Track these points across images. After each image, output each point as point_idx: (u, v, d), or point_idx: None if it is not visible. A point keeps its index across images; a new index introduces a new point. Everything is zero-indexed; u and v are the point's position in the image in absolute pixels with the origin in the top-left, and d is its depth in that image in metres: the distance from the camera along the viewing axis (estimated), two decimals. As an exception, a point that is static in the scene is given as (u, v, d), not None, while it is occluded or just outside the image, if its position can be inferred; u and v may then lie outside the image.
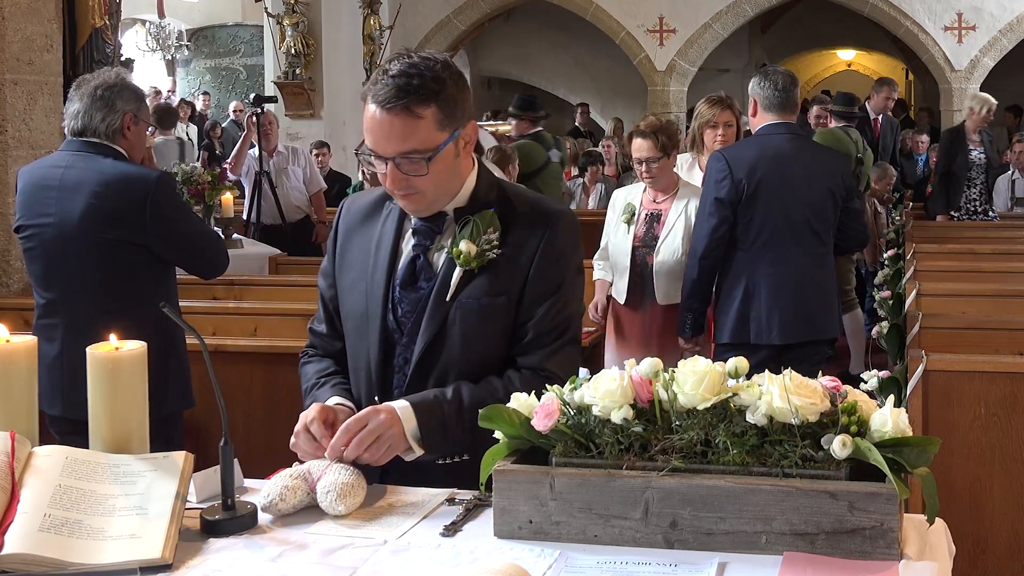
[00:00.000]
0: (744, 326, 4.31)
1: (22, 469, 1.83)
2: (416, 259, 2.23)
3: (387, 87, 2.07)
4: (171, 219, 3.44)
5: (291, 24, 11.89)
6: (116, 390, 1.94)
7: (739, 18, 14.10)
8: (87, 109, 3.42)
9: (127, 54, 12.18)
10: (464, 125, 2.16)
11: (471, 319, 2.17)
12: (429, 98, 2.08)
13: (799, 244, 4.37)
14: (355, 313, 2.29)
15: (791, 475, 1.70)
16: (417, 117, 2.07)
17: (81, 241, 3.38)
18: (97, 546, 1.74)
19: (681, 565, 1.67)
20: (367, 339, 2.25)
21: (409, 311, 2.22)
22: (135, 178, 3.42)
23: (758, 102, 4.44)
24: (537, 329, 2.19)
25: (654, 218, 4.78)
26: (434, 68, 2.10)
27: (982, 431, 3.52)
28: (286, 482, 1.97)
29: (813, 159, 4.52)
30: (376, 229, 2.30)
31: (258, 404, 4.12)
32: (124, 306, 3.33)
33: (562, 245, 2.20)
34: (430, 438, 2.11)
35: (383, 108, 2.07)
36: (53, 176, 3.43)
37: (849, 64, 22.16)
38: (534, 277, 2.18)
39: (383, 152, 2.10)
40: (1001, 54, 13.42)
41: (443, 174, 2.14)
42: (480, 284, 2.18)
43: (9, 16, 5.00)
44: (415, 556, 1.77)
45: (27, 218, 3.47)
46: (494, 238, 2.17)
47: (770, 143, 4.40)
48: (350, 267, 2.31)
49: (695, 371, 1.75)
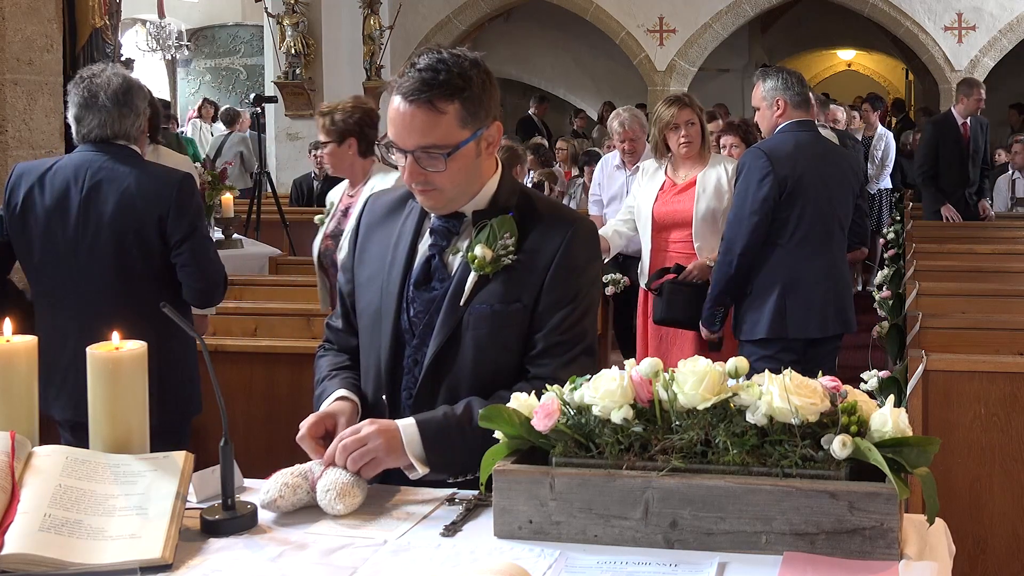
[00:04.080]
0: (781, 321, 4.34)
1: (22, 469, 1.83)
2: (431, 259, 2.21)
3: (412, 80, 2.06)
4: (192, 217, 3.44)
5: (291, 24, 11.89)
6: (116, 390, 1.94)
7: (739, 18, 14.11)
8: (117, 117, 3.40)
9: (127, 54, 12.16)
10: (488, 126, 2.14)
11: (484, 325, 2.15)
12: (453, 94, 2.06)
13: (831, 239, 4.46)
14: (370, 309, 2.27)
15: (791, 475, 1.70)
16: (439, 112, 2.06)
17: (109, 244, 3.36)
18: (97, 546, 1.74)
19: (681, 565, 1.67)
20: (379, 336, 2.24)
21: (421, 311, 2.20)
22: (161, 177, 3.46)
23: (787, 101, 4.46)
24: (550, 339, 2.15)
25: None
26: (462, 65, 2.09)
27: (982, 431, 3.52)
28: (286, 480, 1.97)
29: (839, 157, 4.66)
30: (397, 226, 2.28)
31: (258, 404, 4.11)
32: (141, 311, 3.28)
33: (579, 253, 2.17)
34: (435, 458, 2.07)
35: (406, 100, 2.07)
36: (76, 178, 3.39)
37: (849, 64, 22.17)
38: (549, 285, 2.15)
39: (403, 144, 2.09)
40: (1001, 54, 13.42)
41: (462, 173, 2.13)
42: (494, 290, 2.15)
43: (9, 16, 4.99)
44: (415, 556, 1.76)
45: (46, 223, 3.42)
46: (510, 243, 2.14)
47: (804, 140, 4.47)
48: (369, 263, 2.30)
49: (695, 371, 1.75)
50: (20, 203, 3.42)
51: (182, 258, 3.42)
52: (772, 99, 4.50)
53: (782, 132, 4.48)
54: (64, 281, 3.42)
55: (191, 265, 3.43)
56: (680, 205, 4.95)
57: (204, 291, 3.50)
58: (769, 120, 4.55)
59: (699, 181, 4.92)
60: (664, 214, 4.98)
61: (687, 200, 4.94)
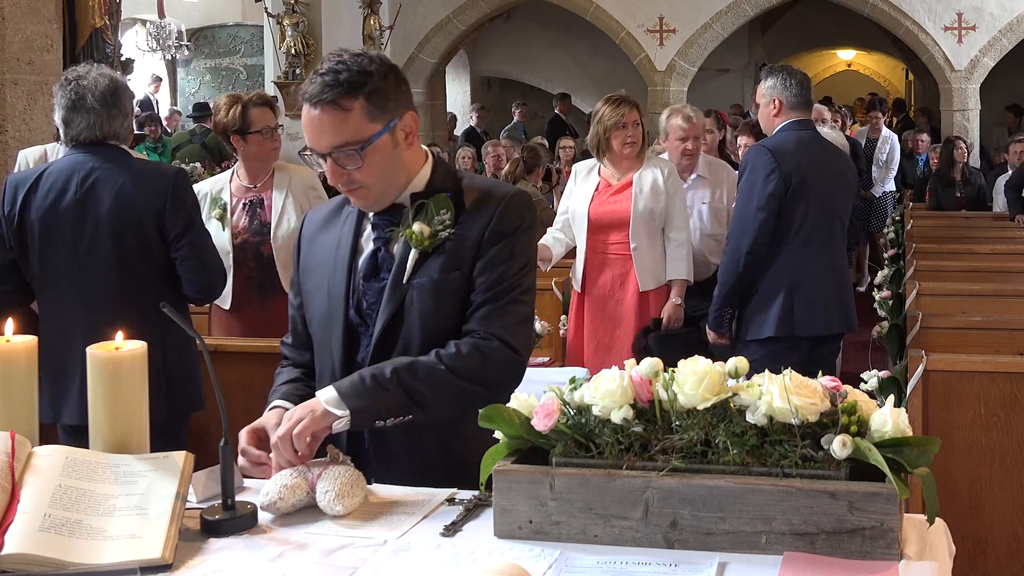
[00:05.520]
0: (789, 319, 4.33)
1: (22, 469, 1.83)
2: (377, 252, 2.28)
3: (315, 84, 2.15)
4: (188, 211, 3.45)
5: (291, 24, 11.89)
6: (116, 390, 1.94)
7: (739, 18, 14.08)
8: (106, 119, 3.40)
9: (127, 54, 12.14)
10: (400, 116, 2.21)
11: (426, 298, 2.21)
12: (356, 90, 2.14)
13: (833, 237, 4.47)
14: (319, 314, 2.33)
15: (791, 475, 1.70)
16: (345, 110, 2.14)
17: (108, 244, 3.37)
18: (97, 546, 1.74)
19: (681, 565, 1.67)
20: (331, 337, 2.29)
21: (374, 302, 2.26)
22: (155, 172, 3.50)
23: (783, 101, 4.46)
24: (482, 296, 2.21)
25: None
26: (361, 63, 2.17)
27: (982, 431, 3.52)
28: (286, 481, 1.97)
29: (837, 156, 4.66)
30: (336, 232, 2.35)
31: (258, 404, 4.07)
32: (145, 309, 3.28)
33: (512, 220, 2.24)
34: (354, 403, 2.09)
35: (312, 104, 2.15)
36: (69, 181, 3.40)
37: (849, 64, 22.16)
38: (484, 251, 2.21)
39: (317, 147, 2.17)
40: (1001, 54, 13.40)
41: (382, 166, 2.19)
42: (434, 263, 2.22)
43: (9, 16, 5.00)
44: (415, 556, 1.77)
45: (41, 229, 3.42)
46: (447, 218, 2.21)
47: (805, 138, 4.47)
48: (313, 271, 2.37)
49: (695, 371, 1.75)
50: (17, 214, 3.41)
51: (183, 252, 3.42)
52: (770, 97, 4.50)
53: (783, 131, 4.48)
54: (66, 285, 3.42)
55: (192, 258, 3.44)
56: (617, 205, 4.89)
57: (206, 284, 3.51)
58: (766, 118, 4.56)
59: (636, 182, 4.87)
60: (601, 215, 4.91)
61: (624, 200, 4.88)
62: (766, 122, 4.58)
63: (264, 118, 4.28)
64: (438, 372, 2.14)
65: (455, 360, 2.15)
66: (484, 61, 17.95)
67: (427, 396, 2.14)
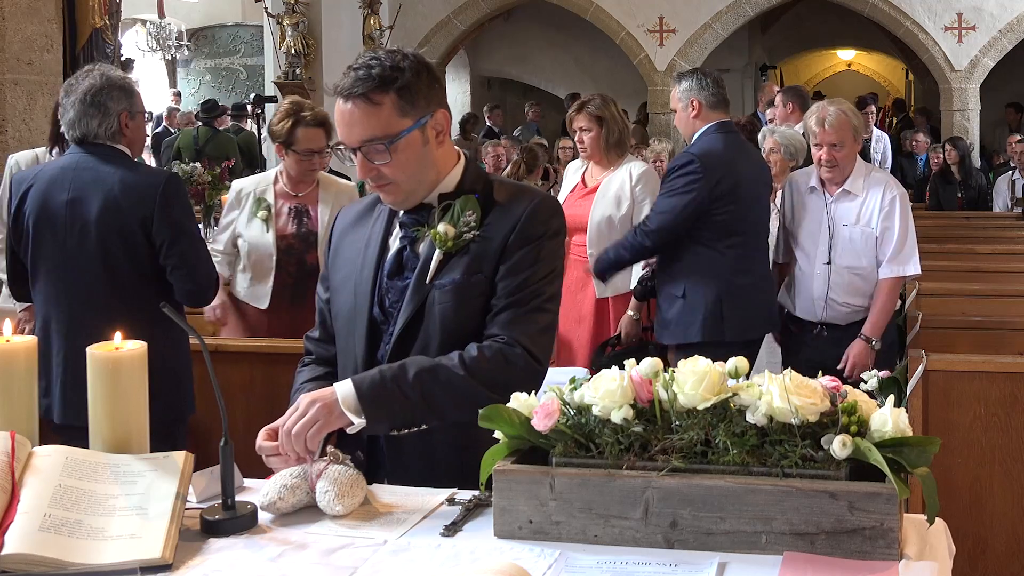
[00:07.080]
0: (719, 324, 4.28)
1: (22, 469, 1.83)
2: (403, 251, 2.28)
3: (348, 78, 2.16)
4: (177, 218, 3.43)
5: (291, 24, 11.88)
6: (116, 390, 1.94)
7: (739, 18, 14.09)
8: (81, 117, 3.39)
9: (127, 54, 12.14)
10: (431, 114, 2.20)
11: (448, 298, 2.20)
12: (387, 85, 2.14)
13: (759, 240, 4.44)
14: (344, 310, 2.33)
15: (791, 475, 1.70)
16: (375, 104, 2.14)
17: (95, 246, 3.36)
18: (97, 546, 1.74)
19: (681, 565, 1.67)
20: (354, 333, 2.29)
21: (397, 300, 2.25)
22: (145, 179, 3.45)
23: (702, 102, 4.40)
24: (504, 301, 2.20)
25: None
26: (394, 59, 2.17)
27: (982, 431, 3.52)
28: (286, 481, 1.97)
29: (759, 159, 4.66)
30: (367, 230, 2.35)
31: (258, 404, 4.11)
32: (132, 312, 3.28)
33: (538, 224, 2.22)
34: (371, 410, 2.08)
35: (344, 98, 2.16)
36: (62, 181, 3.40)
37: (849, 64, 22.15)
38: (508, 255, 2.20)
39: (347, 141, 2.17)
40: (1001, 54, 13.41)
41: (411, 162, 2.18)
42: (457, 264, 2.21)
43: (9, 16, 5.00)
44: (415, 556, 1.76)
45: (35, 226, 3.43)
46: (472, 220, 2.20)
47: (731, 142, 4.41)
48: (342, 267, 2.37)
49: (695, 371, 1.75)
50: (14, 213, 3.45)
51: (172, 260, 3.41)
52: (688, 100, 4.42)
53: (707, 135, 4.40)
54: (55, 284, 3.43)
55: (182, 268, 3.42)
56: (581, 209, 4.82)
57: (194, 292, 3.50)
58: (685, 122, 4.48)
59: (602, 186, 4.81)
60: (568, 217, 4.86)
61: (588, 205, 4.83)
62: (685, 125, 4.49)
63: (309, 140, 4.23)
64: (459, 379, 2.11)
65: (477, 364, 2.13)
66: (484, 61, 17.95)
67: (445, 403, 2.12)
